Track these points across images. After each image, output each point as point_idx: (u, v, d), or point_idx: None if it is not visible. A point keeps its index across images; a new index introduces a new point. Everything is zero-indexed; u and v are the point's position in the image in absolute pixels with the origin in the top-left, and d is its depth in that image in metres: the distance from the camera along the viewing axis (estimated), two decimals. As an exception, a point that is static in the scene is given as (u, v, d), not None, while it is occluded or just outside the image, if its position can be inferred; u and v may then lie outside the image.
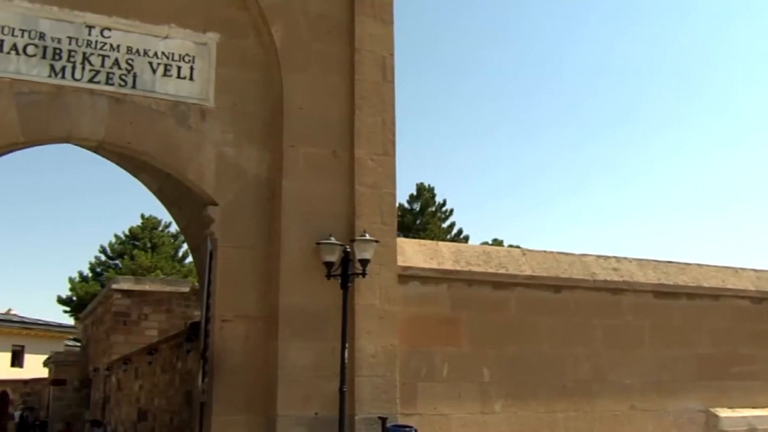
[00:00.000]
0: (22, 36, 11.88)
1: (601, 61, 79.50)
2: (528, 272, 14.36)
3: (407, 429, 11.85)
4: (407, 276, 13.15)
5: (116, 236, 56.78)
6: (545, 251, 15.24)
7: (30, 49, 11.87)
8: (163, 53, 12.58)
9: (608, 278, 15.06)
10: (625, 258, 15.95)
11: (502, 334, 13.85)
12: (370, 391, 12.16)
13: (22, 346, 56.29)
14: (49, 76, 11.90)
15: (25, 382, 48.44)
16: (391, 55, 13.57)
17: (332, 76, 13.17)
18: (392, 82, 13.44)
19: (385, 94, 13.32)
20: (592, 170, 79.75)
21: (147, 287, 31.55)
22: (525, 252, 15.11)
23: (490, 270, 14.06)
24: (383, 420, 11.94)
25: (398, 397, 12.39)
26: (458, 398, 13.29)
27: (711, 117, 76.79)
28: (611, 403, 14.50)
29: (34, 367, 50.79)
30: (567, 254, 15.34)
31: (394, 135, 13.19)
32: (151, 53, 12.51)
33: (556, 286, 14.51)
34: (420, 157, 75.27)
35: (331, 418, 11.72)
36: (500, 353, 13.76)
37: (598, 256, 15.67)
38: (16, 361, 56.02)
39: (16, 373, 52.95)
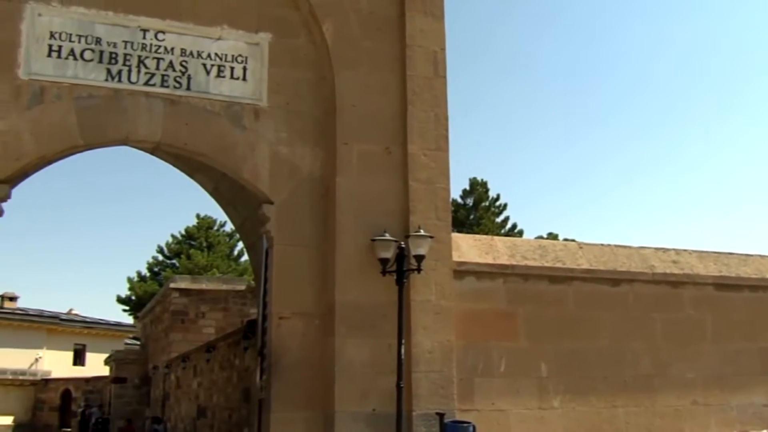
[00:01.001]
0: (79, 41, 12.12)
1: (656, 49, 78.23)
2: (585, 266, 14.19)
3: (465, 425, 11.80)
4: (462, 271, 13.09)
5: (173, 236, 57.63)
6: (602, 244, 15.04)
7: (87, 54, 12.11)
8: (216, 54, 12.71)
9: (667, 271, 14.80)
10: (685, 250, 15.66)
11: (560, 328, 13.70)
12: (428, 387, 12.14)
13: (84, 345, 57.51)
14: (106, 80, 12.13)
15: (87, 380, 49.46)
16: (443, 49, 13.52)
17: (384, 73, 13.17)
18: (444, 76, 13.38)
19: (437, 89, 13.27)
20: (648, 161, 78.56)
21: (204, 286, 31.96)
22: (582, 245, 14.92)
23: (547, 264, 13.93)
24: (441, 416, 11.90)
25: (455, 393, 12.34)
26: (516, 394, 13.19)
27: (771, 104, 74.95)
28: (672, 398, 14.26)
29: (96, 365, 51.86)
30: (625, 247, 15.12)
31: (447, 130, 13.14)
32: (204, 55, 12.66)
33: (614, 279, 14.31)
34: (472, 152, 74.90)
35: (389, 414, 11.73)
36: (558, 348, 13.62)
37: (657, 249, 15.41)
38: (78, 359, 57.25)
39: (79, 372, 54.12)
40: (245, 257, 52.09)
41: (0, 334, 43.76)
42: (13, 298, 56.17)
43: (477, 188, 52.41)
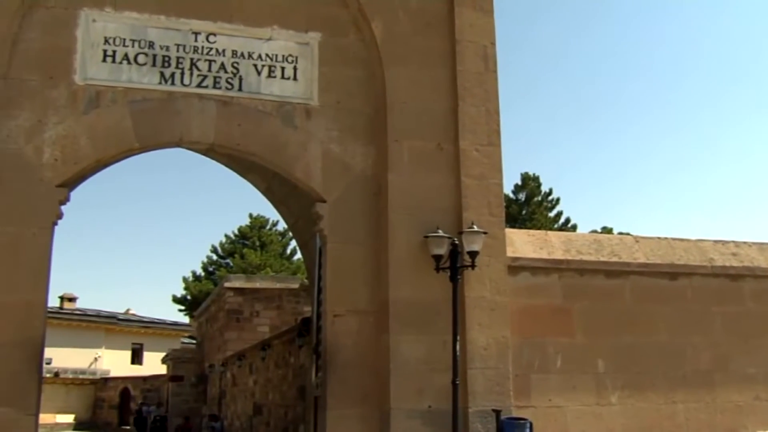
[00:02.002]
0: (133, 46, 12.31)
1: (705, 33, 76.73)
2: (642, 260, 13.97)
3: (522, 422, 11.72)
4: (517, 267, 12.99)
5: (226, 236, 58.30)
6: (659, 238, 14.79)
7: (141, 58, 12.29)
8: (267, 55, 12.80)
9: (727, 264, 14.50)
10: (744, 242, 15.32)
11: (617, 323, 13.51)
12: (483, 384, 12.08)
13: (141, 344, 58.55)
14: (160, 83, 12.30)
15: (145, 379, 50.33)
16: (493, 44, 13.42)
17: (434, 69, 13.11)
18: (495, 71, 13.28)
19: (488, 83, 13.18)
20: (703, 151, 77.13)
21: (258, 285, 32.28)
22: (638, 239, 14.69)
23: (602, 258, 13.75)
24: (497, 413, 11.84)
25: (511, 390, 12.25)
26: (573, 390, 13.05)
27: (829, 91, 72.98)
28: (734, 394, 13.96)
29: (153, 364, 52.74)
30: (682, 240, 14.85)
31: (498, 125, 13.04)
32: (255, 55, 12.76)
33: (672, 273, 14.06)
34: (524, 146, 74.36)
35: (445, 411, 11.70)
36: (615, 343, 13.43)
37: (716, 241, 15.10)
38: (136, 358, 58.31)
39: (136, 370, 55.11)
40: (298, 256, 52.47)
41: (60, 334, 44.62)
42: (72, 299, 57.40)
43: (529, 183, 51.97)
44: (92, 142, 11.85)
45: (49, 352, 11.91)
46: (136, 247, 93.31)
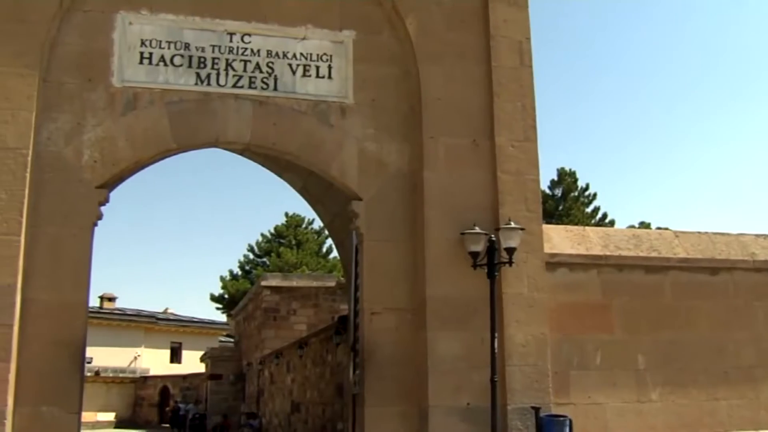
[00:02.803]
0: (169, 47, 12.42)
1: (737, 20, 75.54)
2: (682, 255, 13.79)
3: (562, 419, 11.64)
4: (555, 263, 12.89)
5: (263, 235, 58.69)
6: (699, 232, 14.59)
7: (177, 60, 12.39)
8: (301, 54, 12.83)
9: (769, 257, 14.25)
10: (787, 236, 15.05)
11: (657, 319, 13.35)
12: (522, 381, 12.01)
13: (180, 343, 59.14)
14: (196, 84, 12.39)
15: (184, 377, 50.87)
16: (528, 39, 13.32)
17: (469, 65, 13.05)
18: (530, 66, 13.18)
19: (524, 79, 13.08)
20: (743, 144, 75.97)
21: (294, 283, 32.45)
22: (678, 234, 14.50)
23: (642, 254, 13.59)
24: (536, 410, 11.76)
25: (551, 387, 12.16)
26: (613, 387, 12.93)
27: None
28: (778, 389, 13.72)
29: (192, 362, 53.30)
30: (723, 234, 14.62)
31: (534, 120, 12.94)
32: (290, 55, 12.79)
33: (713, 268, 13.86)
34: (560, 142, 73.80)
35: (484, 408, 11.65)
36: (655, 339, 13.27)
37: (757, 235, 14.85)
38: (175, 357, 58.92)
39: (175, 369, 55.70)
40: (334, 254, 52.62)
41: (100, 333, 45.24)
42: (111, 299, 58.17)
43: (565, 178, 51.58)
44: (130, 143, 11.98)
45: (89, 352, 12.09)
46: (174, 247, 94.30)
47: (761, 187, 76.33)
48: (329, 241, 52.93)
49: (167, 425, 46.12)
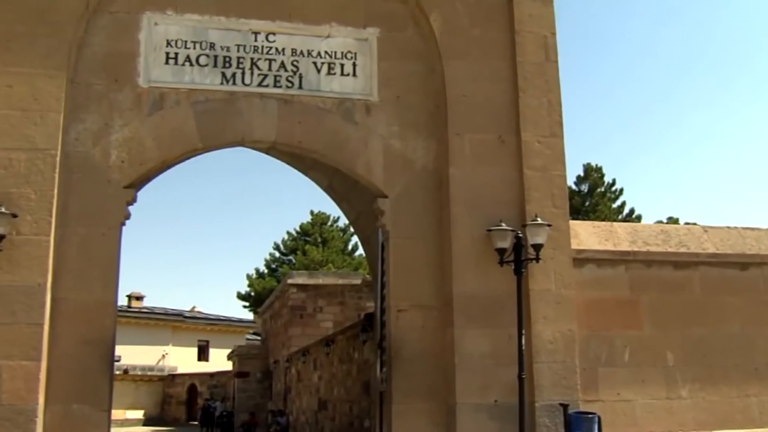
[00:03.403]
0: (195, 47, 12.48)
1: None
2: (711, 250, 13.65)
3: (590, 416, 11.56)
4: (582, 259, 12.81)
5: (288, 233, 58.88)
6: (728, 227, 14.43)
7: (202, 59, 12.45)
8: (326, 52, 12.84)
9: (800, 252, 14.06)
10: (818, 230, 14.84)
11: (686, 315, 13.23)
12: (550, 378, 11.95)
13: (207, 341, 59.47)
14: (222, 83, 12.45)
15: (212, 375, 51.15)
16: (553, 34, 13.23)
17: (494, 61, 12.99)
18: (556, 61, 13.09)
19: (549, 74, 13.00)
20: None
21: (320, 281, 32.53)
22: (707, 229, 14.35)
23: (670, 249, 13.47)
24: (564, 407, 11.70)
25: (579, 383, 12.09)
26: (642, 383, 12.83)
27: None
28: (811, 386, 13.53)
29: (219, 360, 53.56)
30: (753, 229, 14.45)
31: (561, 115, 12.85)
32: (314, 53, 12.81)
33: (743, 263, 13.70)
34: (585, 137, 73.36)
35: (511, 405, 11.61)
36: (685, 335, 13.15)
37: (788, 230, 14.66)
38: (202, 355, 59.26)
39: (203, 367, 56.01)
40: (359, 251, 52.70)
41: (128, 332, 45.56)
42: (139, 298, 58.62)
43: (592, 174, 51.21)
44: (157, 143, 12.06)
45: (118, 350, 12.20)
46: (201, 246, 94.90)
47: (791, 180, 75.38)
48: (354, 239, 53.07)
49: (195, 423, 46.40)
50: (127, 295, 57.05)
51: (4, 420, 10.48)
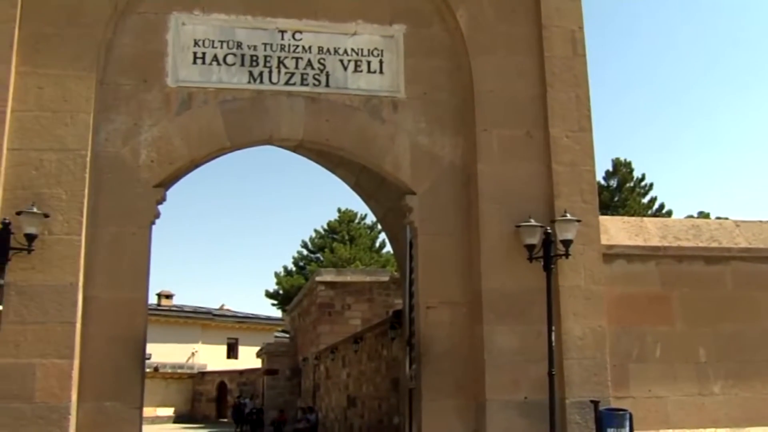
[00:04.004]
0: (222, 47, 12.54)
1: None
2: (743, 245, 13.47)
3: (622, 412, 11.46)
4: (612, 255, 12.70)
5: (316, 231, 59.06)
6: (761, 221, 14.22)
7: (229, 59, 12.50)
8: (352, 50, 12.84)
9: (835, 245, 13.83)
10: None
11: (718, 311, 13.06)
12: (580, 374, 11.86)
13: (236, 339, 59.86)
14: (249, 82, 12.50)
15: (241, 373, 51.47)
16: (581, 28, 13.12)
17: (520, 56, 12.91)
18: (583, 55, 12.98)
19: (577, 68, 12.90)
20: (801, 131, 73.99)
21: (348, 278, 32.57)
22: (738, 223, 14.16)
23: (701, 244, 13.31)
24: (595, 403, 11.61)
25: (609, 380, 11.99)
26: (673, 380, 12.69)
27: None
28: None
29: (248, 358, 53.89)
30: (786, 223, 14.25)
31: (589, 110, 12.75)
32: (341, 51, 12.81)
33: (776, 257, 13.51)
34: (614, 132, 72.79)
35: (541, 402, 11.55)
36: (717, 331, 12.99)
37: (823, 223, 14.44)
38: (232, 352, 59.66)
39: (232, 364, 56.38)
40: (387, 249, 52.73)
41: (158, 330, 45.99)
42: (169, 296, 59.13)
43: (620, 169, 50.78)
44: (186, 142, 12.13)
45: (148, 348, 12.31)
46: (229, 244, 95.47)
47: (823, 173, 74.33)
48: (382, 236, 53.09)
49: (225, 420, 46.71)
50: (157, 294, 57.58)
51: (38, 418, 10.62)
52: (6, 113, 11.28)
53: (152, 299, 55.15)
